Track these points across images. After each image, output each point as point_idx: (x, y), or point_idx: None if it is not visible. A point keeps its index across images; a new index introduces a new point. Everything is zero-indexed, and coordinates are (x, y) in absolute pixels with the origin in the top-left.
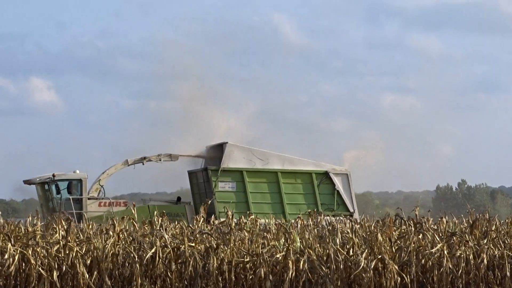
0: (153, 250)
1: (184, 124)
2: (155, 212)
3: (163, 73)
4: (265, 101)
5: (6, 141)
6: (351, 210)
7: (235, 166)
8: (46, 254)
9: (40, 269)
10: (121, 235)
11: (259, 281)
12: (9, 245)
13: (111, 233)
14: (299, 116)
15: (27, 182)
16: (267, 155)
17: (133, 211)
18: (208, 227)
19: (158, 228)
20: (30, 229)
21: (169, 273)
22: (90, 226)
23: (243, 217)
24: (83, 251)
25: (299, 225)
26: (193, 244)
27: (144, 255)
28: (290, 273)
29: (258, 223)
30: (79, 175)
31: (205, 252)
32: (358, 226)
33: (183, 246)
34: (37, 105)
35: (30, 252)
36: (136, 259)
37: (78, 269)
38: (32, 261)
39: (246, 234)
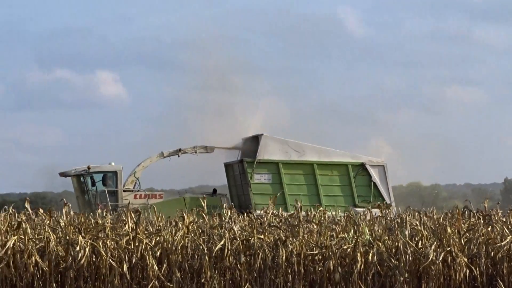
0: (222, 242)
1: (245, 116)
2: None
3: (226, 66)
4: (327, 94)
5: (74, 133)
6: (388, 201)
7: (271, 158)
8: (116, 246)
9: (110, 261)
10: (190, 227)
11: (328, 273)
12: (80, 237)
13: (180, 225)
14: (361, 109)
15: (63, 174)
16: (303, 146)
17: (168, 203)
18: (277, 219)
19: (227, 220)
20: (100, 222)
21: (238, 265)
22: (160, 219)
23: (312, 209)
24: (153, 243)
25: (367, 217)
26: (262, 236)
27: (213, 247)
28: (359, 265)
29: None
30: (114, 167)
31: (274, 244)
32: (427, 218)
33: (252, 238)
34: (104, 98)
35: (100, 244)
36: (205, 251)
37: (148, 261)
38: (103, 253)
39: (315, 226)
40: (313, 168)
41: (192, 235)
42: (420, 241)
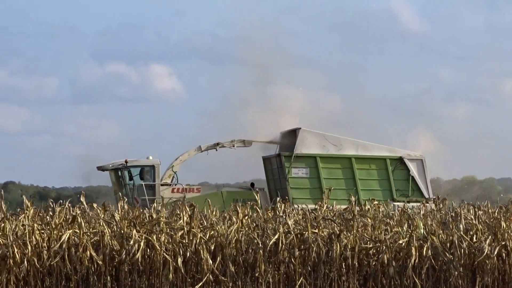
0: (276, 236)
1: (302, 110)
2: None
3: (281, 61)
4: (383, 88)
5: (129, 127)
6: (426, 196)
7: (309, 152)
8: (170, 240)
9: (164, 255)
10: (244, 221)
11: (382, 267)
12: (134, 231)
13: (234, 219)
14: (418, 103)
15: (100, 168)
16: (341, 140)
17: (205, 197)
18: (331, 213)
19: (281, 214)
20: (154, 216)
21: (292, 259)
22: (214, 213)
23: (366, 203)
24: (207, 237)
25: (421, 211)
26: (316, 230)
27: (268, 241)
28: (413, 260)
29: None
30: (151, 161)
31: (328, 238)
32: (481, 212)
33: (307, 232)
34: (158, 92)
35: (154, 238)
36: (260, 245)
37: (202, 255)
38: (157, 247)
39: (369, 220)
40: (351, 162)
41: (246, 229)
42: (474, 235)
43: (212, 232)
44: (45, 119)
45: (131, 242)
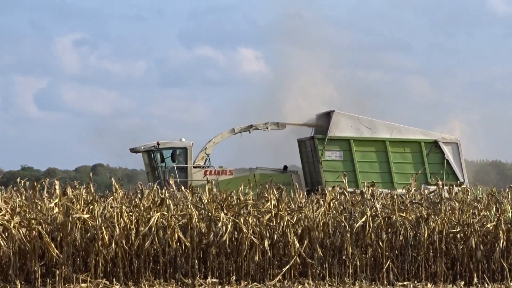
0: (363, 219)
1: (391, 93)
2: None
3: (371, 44)
4: (471, 72)
5: (217, 110)
6: (461, 180)
7: (342, 135)
8: (257, 223)
9: (252, 237)
10: (332, 205)
11: (470, 251)
12: (222, 214)
13: (321, 202)
14: (508, 86)
15: (133, 150)
16: (375, 123)
17: (238, 180)
18: (419, 197)
19: (368, 197)
20: (242, 199)
21: (379, 243)
22: (301, 196)
23: (453, 186)
24: (294, 220)
25: (509, 196)
26: (404, 214)
27: (355, 224)
28: (501, 243)
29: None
30: (184, 143)
31: (415, 222)
32: None
33: (394, 215)
34: (246, 75)
35: (242, 221)
36: (347, 228)
37: (289, 237)
38: (244, 230)
39: (457, 204)
40: (385, 145)
41: (334, 212)
42: None
43: (300, 215)
44: (134, 102)
45: (219, 225)
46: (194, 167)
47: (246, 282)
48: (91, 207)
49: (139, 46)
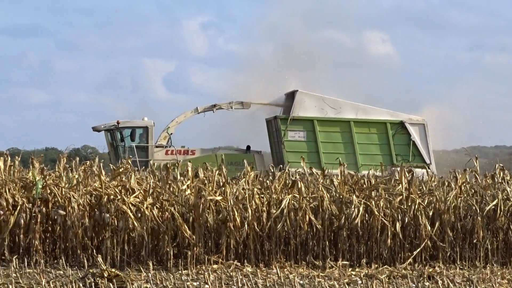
0: (494, 203)
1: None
2: None
3: (498, 26)
4: None
5: (346, 92)
6: (428, 161)
7: (306, 115)
8: (388, 206)
9: (383, 220)
10: (463, 188)
11: None
12: (354, 196)
13: (453, 185)
14: None
15: (95, 129)
16: (340, 103)
17: (200, 159)
18: None
19: (500, 181)
20: (373, 181)
21: (510, 226)
22: (432, 179)
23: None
24: (425, 203)
25: None
26: None
27: (486, 207)
28: None
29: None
30: (144, 122)
31: None
32: None
33: None
34: (372, 58)
35: (373, 204)
36: (478, 211)
37: (421, 220)
38: (376, 213)
39: None
40: (350, 126)
41: (465, 195)
42: None
43: (431, 198)
44: (259, 84)
45: (351, 208)
46: (156, 147)
47: (376, 265)
48: (223, 189)
49: (264, 29)
